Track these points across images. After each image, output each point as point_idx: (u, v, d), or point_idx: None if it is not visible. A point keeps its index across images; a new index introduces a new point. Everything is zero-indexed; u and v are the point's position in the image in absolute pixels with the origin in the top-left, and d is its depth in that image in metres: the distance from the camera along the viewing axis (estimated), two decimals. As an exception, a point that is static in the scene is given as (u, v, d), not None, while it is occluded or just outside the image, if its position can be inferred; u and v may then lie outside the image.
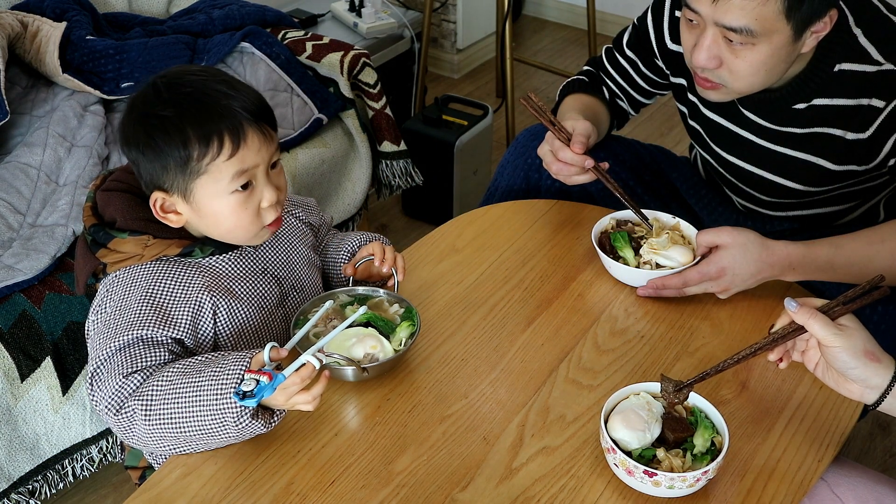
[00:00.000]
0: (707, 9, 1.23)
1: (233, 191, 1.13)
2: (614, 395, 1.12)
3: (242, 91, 1.13)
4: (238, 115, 1.11)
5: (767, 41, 1.24)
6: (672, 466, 1.05)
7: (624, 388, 1.13)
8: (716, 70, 1.30)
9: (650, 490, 1.05)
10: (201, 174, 1.11)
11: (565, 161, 1.41)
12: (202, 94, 1.11)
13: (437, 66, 3.40)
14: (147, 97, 1.12)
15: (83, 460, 1.73)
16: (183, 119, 1.09)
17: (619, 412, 1.10)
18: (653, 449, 1.07)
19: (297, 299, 1.29)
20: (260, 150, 1.13)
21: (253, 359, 1.05)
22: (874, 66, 1.30)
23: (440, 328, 1.31)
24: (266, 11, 2.34)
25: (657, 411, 1.10)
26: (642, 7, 1.60)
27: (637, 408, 1.10)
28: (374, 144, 2.26)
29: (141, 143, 1.11)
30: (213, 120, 1.10)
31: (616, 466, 1.07)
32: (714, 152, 1.56)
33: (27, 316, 1.61)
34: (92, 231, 1.18)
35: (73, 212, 1.77)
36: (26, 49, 2.09)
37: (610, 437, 1.07)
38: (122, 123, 1.15)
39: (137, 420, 1.07)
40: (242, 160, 1.12)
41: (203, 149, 1.10)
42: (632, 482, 1.06)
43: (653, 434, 1.08)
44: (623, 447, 1.06)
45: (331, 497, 1.07)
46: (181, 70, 1.16)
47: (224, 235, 1.19)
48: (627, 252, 1.37)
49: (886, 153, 1.34)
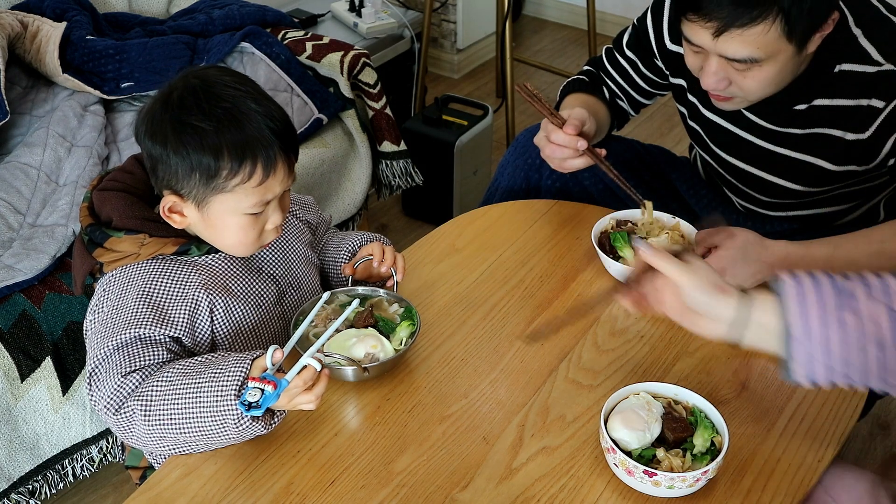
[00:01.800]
0: (708, 43, 1.24)
1: (247, 213, 1.14)
2: (614, 395, 1.12)
3: (276, 116, 1.13)
4: (274, 143, 1.11)
5: (773, 62, 1.24)
6: (672, 466, 1.05)
7: (623, 388, 1.13)
8: (726, 88, 1.31)
9: (650, 490, 1.05)
10: (225, 192, 1.11)
11: (557, 143, 1.40)
12: (240, 113, 1.10)
13: (437, 66, 3.40)
14: (185, 101, 1.10)
15: (83, 460, 1.73)
16: (220, 136, 1.09)
17: (619, 412, 1.10)
18: (653, 449, 1.07)
19: (295, 297, 1.29)
20: (283, 180, 1.14)
21: (254, 364, 1.04)
22: (874, 66, 1.30)
23: (440, 328, 1.31)
24: (266, 11, 2.35)
25: (657, 411, 1.10)
26: (642, 7, 1.60)
27: (637, 408, 1.10)
28: (374, 144, 2.26)
29: (170, 144, 1.10)
30: (249, 143, 1.09)
31: (616, 466, 1.07)
32: (714, 153, 1.56)
33: (27, 316, 1.61)
34: (88, 231, 1.18)
35: (73, 212, 1.77)
36: (26, 49, 2.09)
37: (610, 437, 1.07)
38: (150, 115, 1.12)
39: (137, 420, 1.07)
40: (267, 189, 1.13)
41: (235, 170, 1.10)
42: (632, 482, 1.06)
43: (653, 434, 1.08)
44: (623, 447, 1.06)
45: (331, 497, 1.07)
46: (215, 74, 1.14)
47: (223, 247, 1.19)
48: (627, 252, 1.37)
49: (886, 153, 1.34)
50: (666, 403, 1.13)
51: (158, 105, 1.12)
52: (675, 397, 1.14)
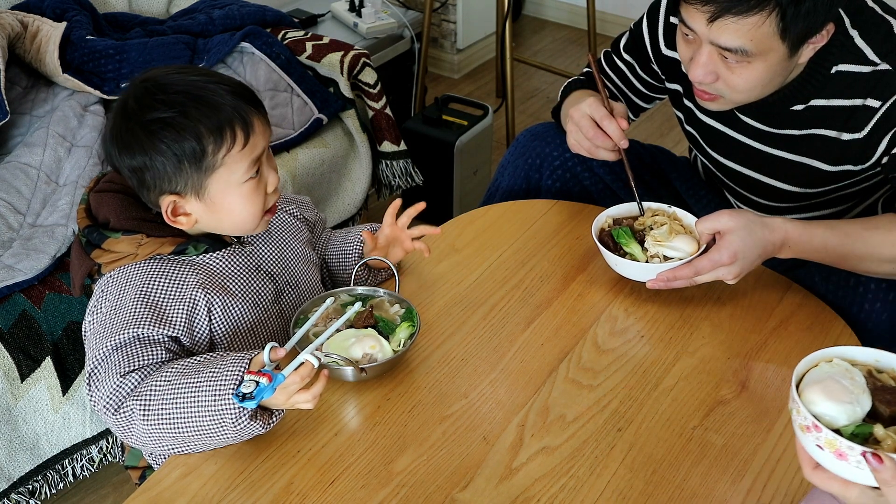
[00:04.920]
0: (702, 28, 1.24)
1: (246, 179, 1.15)
2: (801, 364, 0.93)
3: (227, 81, 1.15)
4: (239, 104, 1.13)
5: (763, 59, 1.24)
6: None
7: (812, 355, 0.94)
8: (713, 83, 1.31)
9: (866, 478, 0.84)
10: (217, 168, 1.13)
11: (607, 132, 1.41)
12: (197, 91, 1.12)
13: (437, 66, 3.40)
14: (141, 102, 1.12)
15: (83, 460, 1.73)
16: (189, 117, 1.10)
17: (815, 382, 0.90)
18: (867, 425, 0.87)
19: (293, 296, 1.29)
20: (264, 132, 1.17)
21: (252, 360, 1.05)
22: (870, 66, 1.30)
23: (440, 328, 1.31)
24: (266, 11, 2.35)
25: (861, 381, 0.91)
26: (642, 7, 1.60)
27: (837, 376, 0.90)
28: (374, 144, 2.26)
29: (147, 148, 1.11)
30: (218, 112, 1.11)
31: (819, 449, 0.86)
32: (710, 156, 1.56)
33: (27, 316, 1.61)
34: (86, 232, 1.18)
35: (72, 212, 1.77)
36: (26, 49, 2.09)
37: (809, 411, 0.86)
38: (115, 132, 1.13)
39: (136, 420, 1.07)
40: (254, 147, 1.14)
41: (218, 142, 1.11)
42: (841, 469, 0.86)
43: (863, 407, 0.89)
44: (827, 424, 0.87)
45: (331, 497, 1.07)
46: (164, 71, 1.16)
47: (234, 227, 1.20)
48: (634, 247, 1.36)
49: (881, 152, 1.34)
50: (865, 372, 0.94)
51: (119, 119, 1.13)
52: (877, 364, 0.95)
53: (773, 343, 1.30)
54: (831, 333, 1.31)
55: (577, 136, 1.45)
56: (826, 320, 1.34)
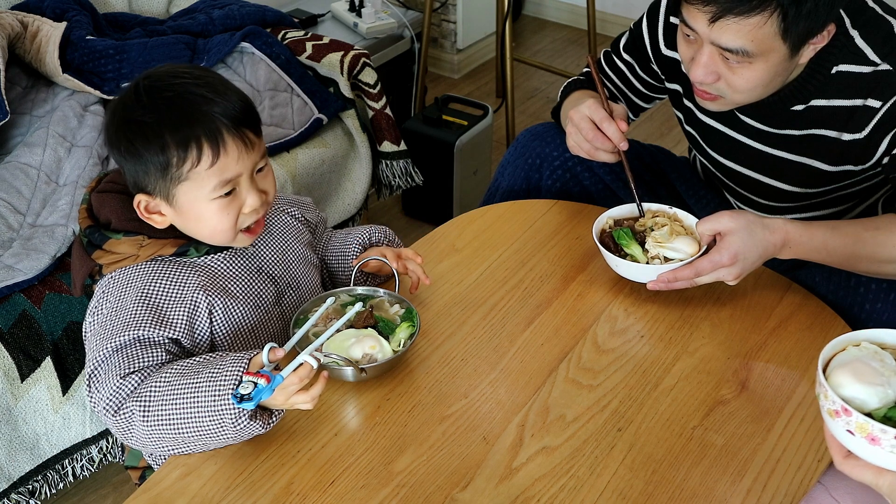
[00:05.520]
0: (703, 28, 1.24)
1: (215, 197, 1.13)
2: (828, 347, 0.90)
3: (225, 95, 1.12)
4: (217, 121, 1.09)
5: (764, 60, 1.24)
6: None
7: (839, 338, 0.91)
8: (714, 84, 1.31)
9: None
10: (183, 180, 1.11)
11: (607, 133, 1.41)
12: (181, 100, 1.10)
13: (437, 66, 3.40)
14: (128, 101, 1.12)
15: (83, 460, 1.73)
16: (161, 125, 1.09)
17: (843, 364, 0.87)
18: None
19: (294, 297, 1.29)
20: (240, 158, 1.12)
21: (251, 360, 1.05)
22: (870, 66, 1.30)
23: (440, 328, 1.31)
24: (266, 11, 2.35)
25: (891, 363, 0.87)
26: (643, 8, 1.60)
27: (866, 359, 0.87)
28: (374, 144, 2.26)
29: (122, 148, 1.12)
30: (191, 125, 1.09)
31: (850, 434, 0.83)
32: (710, 156, 1.56)
33: (27, 316, 1.61)
34: (87, 233, 1.18)
35: (73, 212, 1.77)
36: (26, 49, 2.09)
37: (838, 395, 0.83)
38: (106, 126, 1.15)
39: (136, 421, 1.07)
40: (223, 169, 1.11)
41: (182, 154, 1.09)
42: (874, 454, 0.82)
43: (895, 389, 0.85)
44: (857, 407, 0.83)
45: (331, 497, 1.07)
46: (167, 71, 1.14)
47: (207, 237, 1.19)
48: (635, 248, 1.36)
49: (882, 152, 1.34)
50: (895, 354, 0.91)
51: (110, 113, 1.14)
52: None
53: (773, 343, 1.30)
54: (832, 333, 1.31)
55: (576, 138, 1.45)
56: (826, 320, 1.34)
